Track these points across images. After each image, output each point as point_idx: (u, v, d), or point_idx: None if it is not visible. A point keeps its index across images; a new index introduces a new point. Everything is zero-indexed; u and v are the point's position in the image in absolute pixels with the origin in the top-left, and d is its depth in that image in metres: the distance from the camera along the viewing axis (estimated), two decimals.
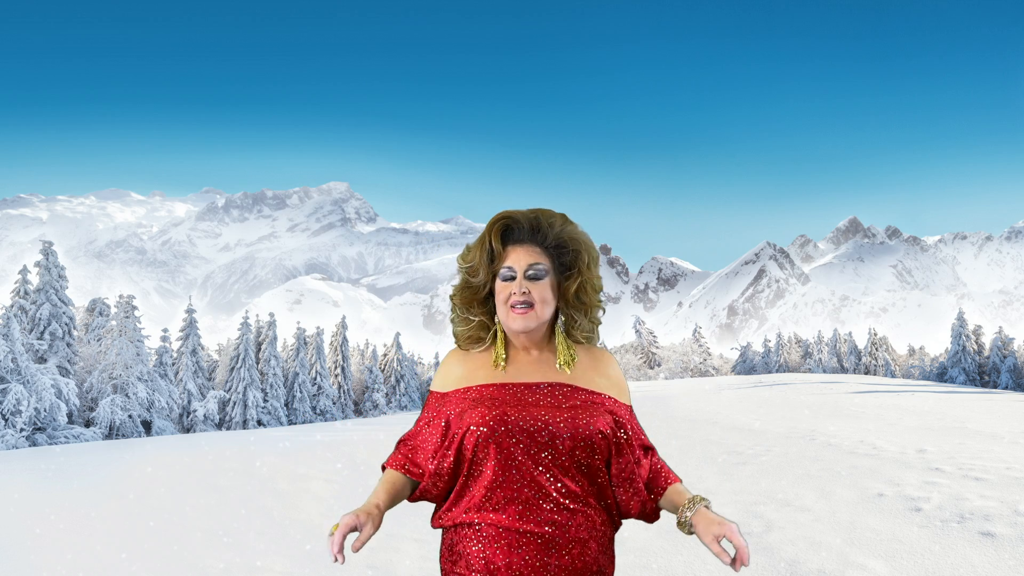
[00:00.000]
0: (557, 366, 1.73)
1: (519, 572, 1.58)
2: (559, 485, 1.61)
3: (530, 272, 1.70)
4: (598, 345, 1.83)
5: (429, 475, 1.69)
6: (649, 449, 1.76)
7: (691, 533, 1.64)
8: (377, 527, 1.62)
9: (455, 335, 1.79)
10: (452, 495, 1.66)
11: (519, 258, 1.71)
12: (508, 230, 1.73)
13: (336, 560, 1.54)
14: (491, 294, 1.76)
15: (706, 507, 1.64)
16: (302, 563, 5.34)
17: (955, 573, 4.34)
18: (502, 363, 1.72)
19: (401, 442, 1.77)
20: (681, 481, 1.76)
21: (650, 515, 1.74)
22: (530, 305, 1.69)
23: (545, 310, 1.71)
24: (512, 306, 1.69)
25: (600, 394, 1.72)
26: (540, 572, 1.58)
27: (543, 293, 1.70)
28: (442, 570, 1.68)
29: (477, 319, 1.76)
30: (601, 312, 1.78)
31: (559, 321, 1.77)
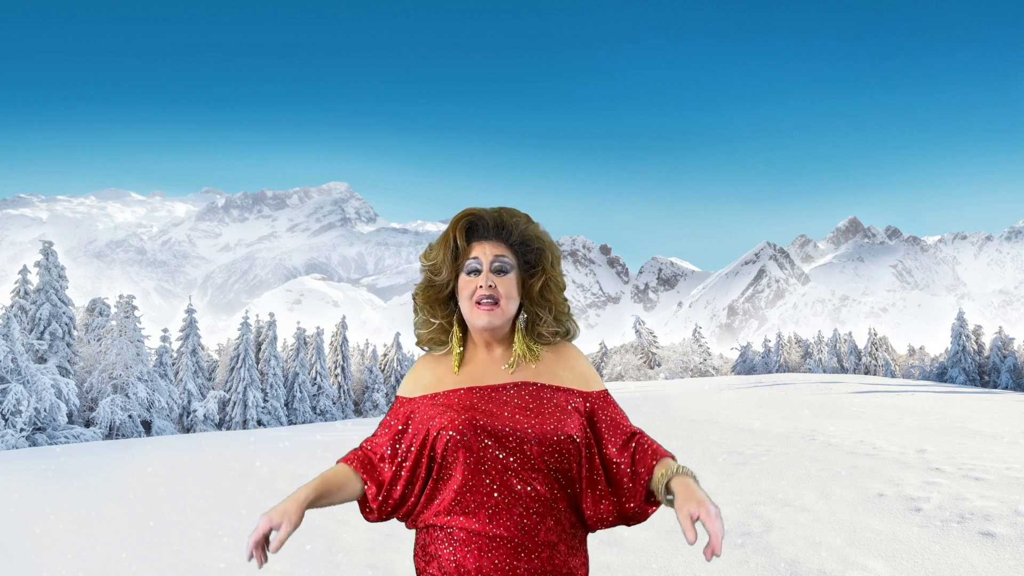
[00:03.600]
0: (505, 365, 1.70)
1: (488, 575, 1.57)
2: (528, 489, 1.60)
3: (495, 264, 1.66)
4: (576, 343, 1.81)
5: (387, 482, 1.68)
6: (633, 435, 1.69)
7: (664, 500, 1.59)
8: (295, 524, 1.61)
9: (417, 336, 1.77)
10: (423, 499, 1.66)
11: (484, 251, 1.67)
12: (472, 227, 1.70)
13: (257, 563, 1.57)
14: (453, 294, 1.73)
15: (690, 478, 1.55)
16: (302, 563, 5.34)
17: (955, 573, 4.34)
18: (456, 367, 1.70)
19: (364, 444, 1.76)
20: (673, 457, 1.67)
21: (631, 517, 1.68)
22: (495, 301, 1.65)
23: (510, 306, 1.67)
24: (477, 301, 1.65)
25: (568, 389, 1.68)
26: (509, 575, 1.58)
27: (508, 288, 1.66)
28: (416, 568, 1.68)
29: (438, 321, 1.73)
30: (567, 309, 1.74)
31: (520, 318, 1.74)
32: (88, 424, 27.37)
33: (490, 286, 1.65)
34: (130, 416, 27.56)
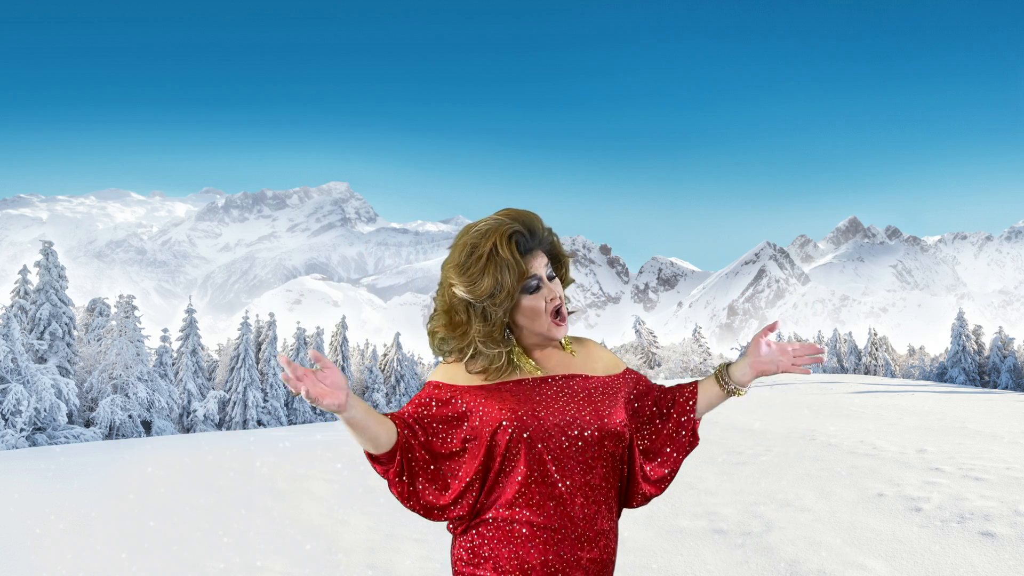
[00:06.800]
0: (570, 353, 1.72)
1: (555, 568, 1.56)
2: (588, 478, 1.60)
3: (549, 274, 1.64)
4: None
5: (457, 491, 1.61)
6: (657, 390, 1.79)
7: (740, 390, 1.74)
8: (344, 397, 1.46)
9: (485, 369, 1.63)
10: (483, 494, 1.61)
11: (537, 264, 1.62)
12: (518, 241, 1.60)
13: (293, 381, 1.40)
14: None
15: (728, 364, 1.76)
16: (302, 563, 5.33)
17: (955, 573, 4.34)
18: (537, 371, 1.66)
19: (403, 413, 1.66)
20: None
21: (654, 490, 1.76)
22: (561, 310, 1.65)
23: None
24: (553, 315, 1.63)
25: (607, 377, 1.72)
26: (574, 567, 1.58)
27: (561, 291, 1.66)
28: (460, 574, 1.62)
29: (505, 350, 1.63)
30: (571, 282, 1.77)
31: None
32: (88, 424, 27.36)
33: (559, 296, 1.64)
34: (130, 416, 27.55)
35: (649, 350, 60.59)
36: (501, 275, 1.56)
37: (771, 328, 1.74)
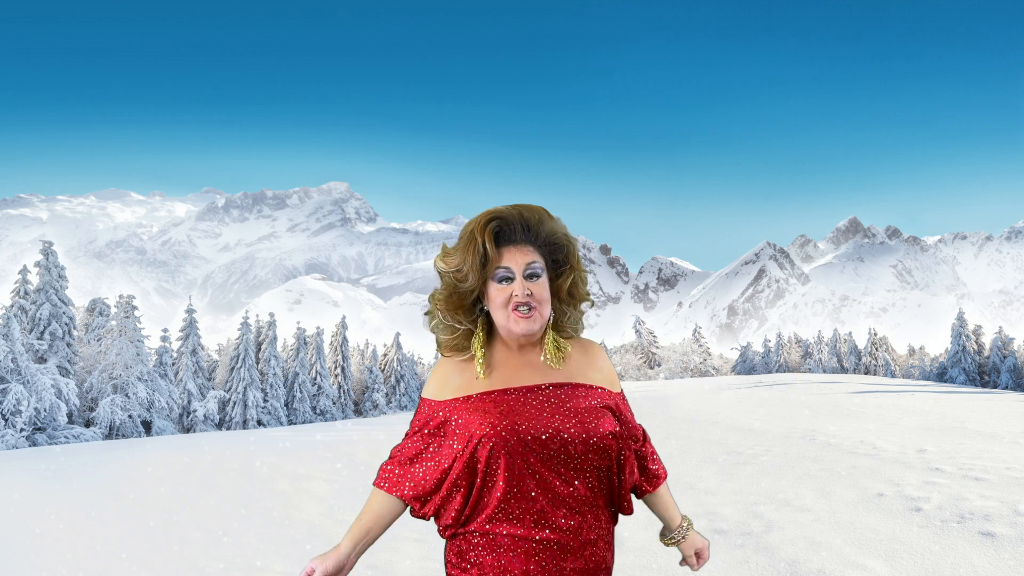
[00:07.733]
0: (546, 363, 1.69)
1: None
2: (571, 490, 1.60)
3: (528, 271, 1.62)
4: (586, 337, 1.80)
5: (438, 498, 1.65)
6: (639, 439, 1.81)
7: (670, 545, 1.86)
8: (344, 567, 1.71)
9: (438, 343, 1.71)
10: (467, 507, 1.62)
11: (515, 258, 1.62)
12: (500, 231, 1.63)
13: None
14: (477, 299, 1.68)
15: (695, 532, 1.87)
16: (302, 563, 5.33)
17: (955, 573, 4.34)
18: (481, 372, 1.65)
19: (392, 458, 1.70)
20: (664, 480, 1.85)
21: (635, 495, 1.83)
22: (531, 307, 1.62)
23: (546, 310, 1.64)
24: (515, 308, 1.62)
25: (600, 388, 1.70)
26: None
27: (542, 293, 1.63)
28: None
29: (463, 327, 1.67)
30: (590, 304, 1.74)
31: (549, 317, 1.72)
32: (88, 424, 27.36)
33: (527, 294, 1.62)
34: (130, 416, 27.56)
35: (649, 350, 60.56)
36: (470, 255, 1.61)
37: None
